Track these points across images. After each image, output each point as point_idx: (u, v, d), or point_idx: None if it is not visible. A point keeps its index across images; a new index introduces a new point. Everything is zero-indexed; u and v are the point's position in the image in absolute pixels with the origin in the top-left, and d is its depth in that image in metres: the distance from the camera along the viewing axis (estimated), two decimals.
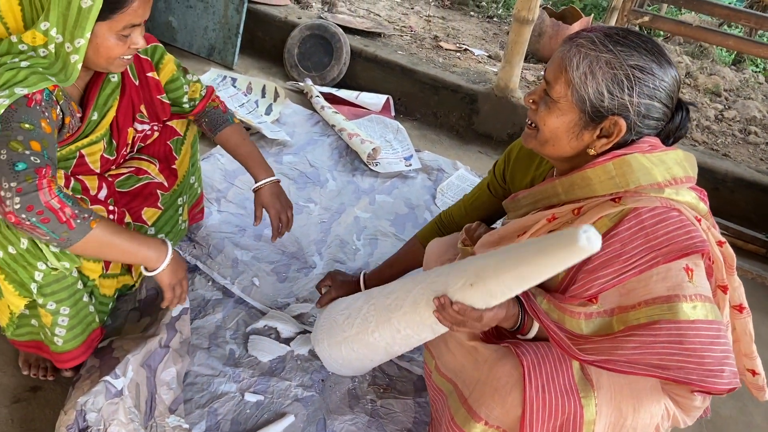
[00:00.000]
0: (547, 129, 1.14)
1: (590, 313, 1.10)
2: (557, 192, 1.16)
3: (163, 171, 1.66)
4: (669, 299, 1.03)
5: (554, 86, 1.11)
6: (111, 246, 1.24)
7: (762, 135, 3.19)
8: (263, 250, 2.03)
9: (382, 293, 1.35)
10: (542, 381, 1.09)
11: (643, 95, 1.07)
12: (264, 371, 1.60)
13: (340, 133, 2.77)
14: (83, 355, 1.37)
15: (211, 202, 2.17)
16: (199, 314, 1.72)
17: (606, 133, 1.10)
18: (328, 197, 2.39)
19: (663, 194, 1.09)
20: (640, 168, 1.08)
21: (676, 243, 1.04)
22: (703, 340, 1.02)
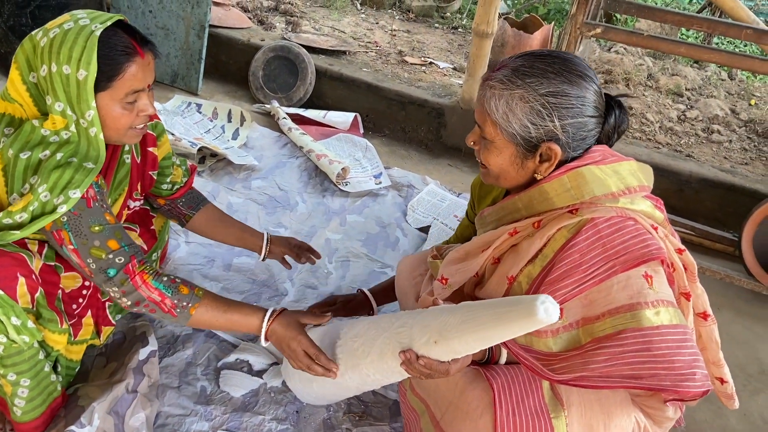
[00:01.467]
0: (493, 166, 1.20)
1: (556, 330, 1.11)
2: (517, 207, 1.20)
3: (143, 235, 1.67)
4: (632, 307, 1.05)
5: (485, 128, 1.17)
6: (214, 323, 1.35)
7: (725, 133, 3.25)
8: (233, 280, 2.01)
9: (349, 335, 1.34)
10: (512, 404, 1.10)
11: (564, 117, 1.10)
12: (237, 407, 1.58)
13: (308, 154, 2.76)
14: (42, 425, 1.34)
15: (178, 233, 2.15)
16: (168, 352, 1.70)
17: (545, 158, 1.14)
18: (299, 221, 2.38)
19: (618, 204, 1.11)
20: (593, 179, 1.11)
21: (632, 252, 1.06)
22: (670, 344, 1.03)
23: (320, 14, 4.22)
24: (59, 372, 1.40)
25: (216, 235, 1.79)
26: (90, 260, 1.21)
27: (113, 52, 1.20)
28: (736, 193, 2.61)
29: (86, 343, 1.47)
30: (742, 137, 3.23)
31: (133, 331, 1.59)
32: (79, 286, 1.42)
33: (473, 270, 1.23)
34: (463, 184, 2.83)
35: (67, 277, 1.39)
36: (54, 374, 1.36)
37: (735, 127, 3.32)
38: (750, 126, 3.36)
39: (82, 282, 1.42)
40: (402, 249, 2.32)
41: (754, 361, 2.00)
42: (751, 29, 1.95)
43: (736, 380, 1.90)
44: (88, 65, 1.16)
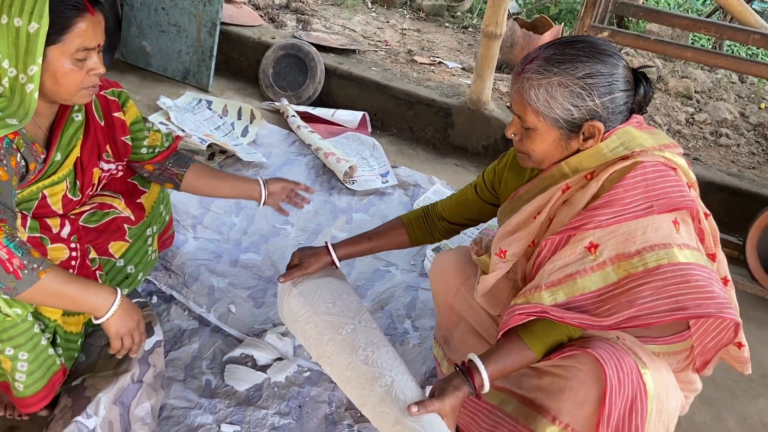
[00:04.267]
0: (538, 153, 1.25)
1: (590, 268, 1.18)
2: (564, 172, 1.25)
3: (129, 205, 1.67)
4: (664, 246, 1.13)
5: (526, 118, 1.22)
6: (58, 295, 1.25)
7: (733, 137, 3.24)
8: (240, 276, 2.04)
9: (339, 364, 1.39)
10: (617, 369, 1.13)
11: (602, 95, 1.17)
12: (240, 401, 1.61)
13: (316, 152, 2.79)
14: (45, 399, 1.38)
15: (186, 228, 2.18)
16: (174, 345, 1.73)
17: (588, 135, 1.21)
18: (305, 218, 2.40)
19: (664, 153, 1.21)
20: (639, 137, 1.21)
21: (669, 197, 1.16)
22: (704, 277, 1.11)
23: (331, 12, 4.24)
24: (58, 344, 1.43)
25: (210, 189, 1.78)
26: None
27: (63, 6, 1.23)
28: (743, 197, 2.60)
29: (82, 315, 1.50)
30: (750, 141, 3.22)
31: None
32: (67, 258, 1.44)
33: (531, 236, 1.28)
34: None
35: (55, 249, 1.42)
36: (52, 348, 1.38)
37: (744, 131, 3.31)
38: (759, 130, 3.34)
39: (70, 253, 1.45)
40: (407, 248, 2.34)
41: (756, 365, 1.99)
42: (758, 34, 1.95)
43: (737, 385, 1.91)
44: (40, 18, 1.19)
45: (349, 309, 1.46)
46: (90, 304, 1.30)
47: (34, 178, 1.38)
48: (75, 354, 1.51)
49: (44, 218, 1.45)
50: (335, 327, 1.42)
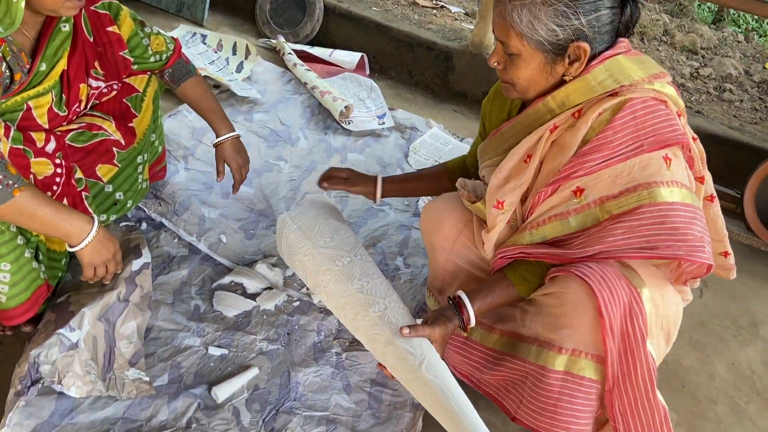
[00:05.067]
0: (522, 81, 1.20)
1: (576, 209, 1.18)
2: (550, 108, 1.21)
3: (120, 128, 1.63)
4: (648, 186, 1.12)
5: (509, 43, 1.16)
6: (32, 216, 1.21)
7: (737, 92, 3.19)
8: (231, 207, 2.01)
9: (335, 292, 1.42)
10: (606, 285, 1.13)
11: (588, 12, 1.12)
12: (229, 326, 1.60)
13: (312, 91, 2.72)
14: (29, 312, 1.36)
15: (177, 159, 2.14)
16: (163, 270, 1.71)
17: (574, 58, 1.16)
18: (299, 155, 2.36)
19: (653, 86, 1.17)
20: (629, 66, 1.17)
21: (660, 134, 1.14)
22: (683, 219, 1.12)
23: None
24: (41, 261, 1.41)
25: (194, 105, 1.75)
26: None
27: None
28: (743, 150, 2.57)
29: None
30: (753, 97, 3.18)
31: (127, 243, 1.59)
32: (51, 173, 1.41)
33: (526, 184, 1.25)
34: (467, 131, 2.80)
35: (39, 163, 1.38)
36: (36, 262, 1.36)
37: (747, 88, 3.26)
38: (762, 87, 3.29)
39: (54, 170, 1.41)
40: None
41: (746, 313, 2.00)
42: None
43: (727, 331, 1.91)
44: None
45: (345, 243, 1.50)
46: (64, 230, 1.27)
47: (18, 89, 1.34)
48: (59, 273, 1.49)
49: (29, 131, 1.41)
50: (332, 259, 1.46)
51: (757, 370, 1.80)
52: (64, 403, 1.29)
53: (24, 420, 1.23)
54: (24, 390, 1.18)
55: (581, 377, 1.19)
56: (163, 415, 1.35)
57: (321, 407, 1.44)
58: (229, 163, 1.74)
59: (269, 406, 1.43)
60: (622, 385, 1.17)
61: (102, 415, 1.31)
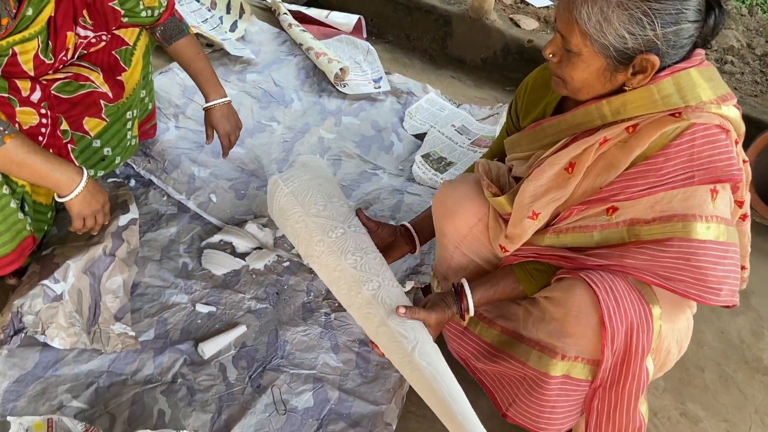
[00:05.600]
0: (576, 81, 1.08)
1: (602, 225, 1.12)
2: (603, 114, 1.09)
3: (108, 81, 1.59)
4: (685, 218, 1.05)
5: (570, 39, 1.04)
6: (21, 165, 1.20)
7: (738, 65, 3.15)
8: (222, 167, 1.98)
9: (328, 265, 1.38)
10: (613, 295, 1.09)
11: (666, 25, 0.99)
12: (217, 284, 1.58)
13: (307, 52, 2.67)
14: (14, 263, 1.33)
15: (168, 117, 2.10)
16: (151, 227, 1.69)
17: (639, 69, 1.04)
18: (293, 117, 2.32)
19: (721, 111, 1.06)
20: (699, 83, 1.05)
21: (715, 168, 1.04)
22: (709, 259, 1.04)
23: None
24: (27, 213, 1.38)
25: (186, 71, 1.73)
26: None
27: None
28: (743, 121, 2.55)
29: None
30: (755, 70, 3.14)
31: (115, 199, 1.57)
32: (36, 123, 1.38)
33: (565, 197, 1.15)
34: (464, 97, 2.76)
35: (24, 112, 1.35)
36: (21, 213, 1.34)
37: (749, 61, 3.22)
38: (764, 60, 3.25)
39: (39, 120, 1.39)
40: (396, 153, 2.28)
41: None
42: None
43: None
44: None
45: (339, 213, 1.45)
46: (54, 179, 1.26)
47: (4, 33, 1.30)
48: (45, 227, 1.46)
49: (14, 78, 1.38)
50: (325, 229, 1.40)
51: (747, 339, 1.80)
52: (48, 355, 1.29)
53: (7, 370, 1.22)
54: (6, 339, 1.17)
55: (579, 380, 1.17)
56: (148, 370, 1.34)
57: (308, 366, 1.44)
58: (217, 129, 1.74)
59: (256, 363, 1.42)
60: (608, 388, 1.15)
61: (86, 368, 1.31)
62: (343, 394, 1.40)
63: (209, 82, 1.71)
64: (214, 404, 1.32)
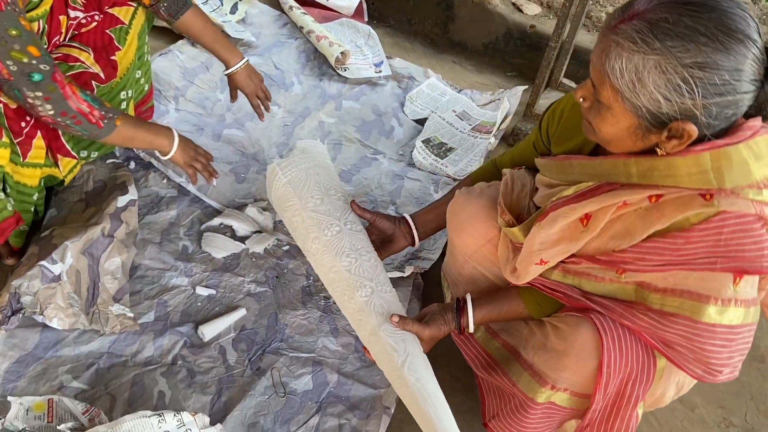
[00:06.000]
0: (605, 134, 0.98)
1: (613, 279, 1.07)
2: (629, 172, 0.99)
3: (100, 61, 1.57)
4: (699, 298, 0.97)
5: (601, 91, 0.94)
6: (132, 139, 1.42)
7: None
8: (222, 150, 1.97)
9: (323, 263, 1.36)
10: (619, 343, 1.07)
11: (710, 96, 0.85)
12: (217, 267, 1.58)
13: (308, 35, 2.65)
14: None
15: (168, 99, 2.09)
16: (151, 210, 1.68)
17: (676, 134, 0.91)
18: (293, 101, 2.31)
19: (761, 197, 0.93)
20: (740, 164, 0.91)
21: (742, 258, 0.93)
22: (717, 343, 0.98)
23: None
24: (9, 194, 1.38)
25: (199, 43, 1.74)
26: (10, 62, 1.18)
27: None
28: None
29: (41, 168, 1.44)
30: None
31: (113, 180, 1.57)
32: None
33: (575, 250, 1.09)
34: (465, 82, 2.75)
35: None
36: (2, 193, 1.33)
37: None
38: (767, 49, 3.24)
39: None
40: (396, 138, 2.27)
41: None
42: None
43: None
44: None
45: (335, 208, 1.42)
46: (159, 142, 1.48)
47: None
48: (31, 208, 1.45)
49: None
50: (321, 226, 1.37)
51: None
52: (49, 336, 1.29)
53: (7, 351, 1.22)
54: (5, 319, 1.17)
55: (562, 407, 1.16)
56: (148, 352, 1.35)
57: (307, 349, 1.44)
58: (244, 91, 1.77)
59: (256, 346, 1.43)
60: (596, 428, 1.14)
61: (87, 349, 1.31)
62: (342, 378, 1.40)
63: (226, 49, 1.72)
64: (214, 386, 1.33)
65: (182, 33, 1.70)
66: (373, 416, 1.34)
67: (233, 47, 1.73)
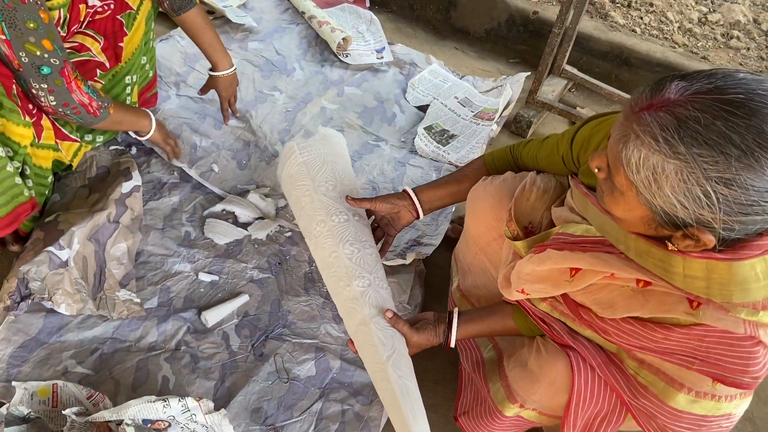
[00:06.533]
0: (617, 215, 0.91)
1: (596, 331, 1.05)
2: (628, 246, 0.94)
3: (107, 50, 1.58)
4: (671, 382, 0.94)
5: (615, 175, 0.85)
6: (120, 123, 1.53)
7: (744, 40, 3.12)
8: (224, 137, 1.97)
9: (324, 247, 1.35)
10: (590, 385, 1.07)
11: (732, 213, 0.76)
12: (220, 253, 1.59)
13: (309, 20, 2.64)
14: (9, 227, 1.33)
15: (169, 86, 2.08)
16: (154, 196, 1.68)
17: (691, 236, 0.83)
18: (295, 86, 2.30)
19: (755, 317, 0.86)
20: (741, 282, 0.83)
21: (723, 369, 0.89)
22: (681, 425, 0.97)
23: None
24: (28, 177, 1.38)
25: (194, 41, 1.77)
26: (23, 54, 1.23)
27: None
28: None
29: (52, 150, 1.45)
30: (761, 46, 3.11)
31: (117, 166, 1.57)
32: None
33: (555, 294, 1.08)
34: (467, 69, 2.74)
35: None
36: (20, 178, 1.34)
37: (755, 36, 3.19)
38: None
39: None
40: (398, 125, 2.27)
41: None
42: None
43: None
44: None
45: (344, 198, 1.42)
46: (142, 123, 1.62)
47: None
48: (46, 191, 1.46)
49: None
50: (329, 211, 1.37)
51: None
52: (53, 321, 1.29)
53: (12, 336, 1.23)
54: (14, 305, 1.18)
55: (530, 421, 1.18)
56: (152, 337, 1.36)
57: (310, 335, 1.45)
58: (221, 93, 1.85)
59: (259, 332, 1.43)
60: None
61: (90, 334, 1.32)
62: (344, 364, 1.41)
63: (218, 53, 1.77)
64: (218, 372, 1.34)
65: (181, 27, 1.72)
66: (376, 402, 1.35)
67: (225, 53, 1.79)
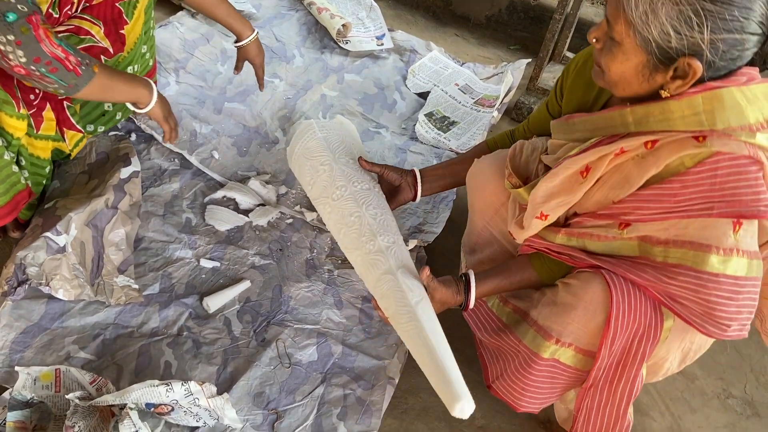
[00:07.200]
0: (614, 73, 1.01)
1: (617, 237, 1.08)
2: (626, 121, 1.03)
3: (109, 35, 1.55)
4: (699, 247, 0.98)
5: (615, 27, 0.97)
6: (112, 88, 1.32)
7: None
8: (224, 123, 1.96)
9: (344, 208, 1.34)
10: (628, 299, 1.07)
11: (719, 30, 0.89)
12: (221, 239, 1.58)
13: (309, 7, 2.62)
14: (8, 216, 1.32)
15: (168, 72, 2.06)
16: (154, 182, 1.67)
17: (681, 74, 0.95)
18: (295, 73, 2.29)
19: (754, 139, 0.96)
20: (733, 105, 0.94)
21: (738, 202, 0.96)
22: (720, 294, 0.98)
23: None
24: (24, 166, 1.37)
25: (211, 17, 1.72)
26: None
27: None
28: None
29: (51, 141, 1.43)
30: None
31: (116, 152, 1.56)
32: None
33: (573, 202, 1.12)
34: (467, 56, 2.72)
35: None
36: (17, 166, 1.33)
37: None
38: None
39: None
40: (399, 112, 2.26)
41: None
42: None
43: None
44: None
45: (364, 173, 1.44)
46: (138, 93, 1.39)
47: None
48: (43, 181, 1.45)
49: None
50: (350, 179, 1.38)
51: None
52: (55, 307, 1.29)
53: (14, 321, 1.23)
54: (11, 291, 1.18)
55: (567, 365, 1.17)
56: (154, 323, 1.36)
57: (312, 321, 1.45)
58: (254, 61, 1.78)
59: (260, 317, 1.43)
60: (600, 388, 1.15)
61: (93, 320, 1.32)
62: (346, 349, 1.41)
63: (238, 21, 1.71)
64: (220, 357, 1.34)
65: (194, 7, 1.69)
66: (378, 386, 1.35)
67: (245, 19, 1.73)
